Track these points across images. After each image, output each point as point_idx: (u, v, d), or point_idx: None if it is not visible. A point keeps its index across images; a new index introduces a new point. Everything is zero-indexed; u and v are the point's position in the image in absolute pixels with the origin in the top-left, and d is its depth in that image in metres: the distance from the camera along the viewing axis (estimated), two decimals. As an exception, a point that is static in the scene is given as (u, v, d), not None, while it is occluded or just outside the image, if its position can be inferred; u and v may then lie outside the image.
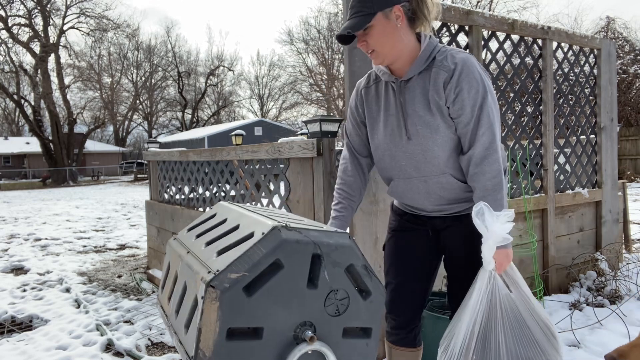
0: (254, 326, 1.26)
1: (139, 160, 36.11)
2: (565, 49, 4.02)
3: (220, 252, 1.35)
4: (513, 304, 1.69)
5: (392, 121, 1.76)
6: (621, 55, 17.85)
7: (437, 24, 3.16)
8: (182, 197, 4.81)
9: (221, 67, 45.30)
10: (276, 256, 1.25)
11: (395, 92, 1.74)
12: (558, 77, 3.97)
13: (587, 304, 3.54)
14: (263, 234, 1.27)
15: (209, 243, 1.49)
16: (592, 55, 4.25)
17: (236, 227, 1.48)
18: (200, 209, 4.38)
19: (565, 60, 4.01)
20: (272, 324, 1.28)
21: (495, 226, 1.57)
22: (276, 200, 3.27)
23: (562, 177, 4.00)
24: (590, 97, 4.26)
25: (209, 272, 1.26)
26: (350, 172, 1.91)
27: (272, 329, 1.28)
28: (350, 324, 1.38)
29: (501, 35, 3.54)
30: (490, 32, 3.44)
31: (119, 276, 5.34)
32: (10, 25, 30.22)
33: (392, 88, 1.76)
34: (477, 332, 1.66)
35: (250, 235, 1.33)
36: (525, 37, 3.66)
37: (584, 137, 4.20)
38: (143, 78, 42.62)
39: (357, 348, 1.41)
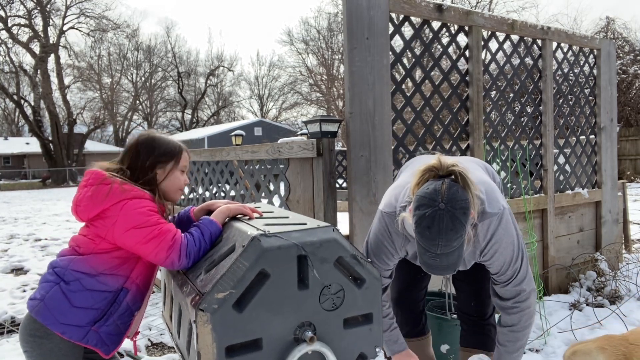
0: (252, 339, 1.25)
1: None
2: (565, 49, 4.02)
3: (208, 269, 1.34)
4: None
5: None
6: (621, 55, 17.84)
7: (437, 24, 3.16)
8: (182, 197, 4.81)
9: (221, 68, 45.23)
10: (260, 267, 1.23)
11: None
12: (558, 78, 3.97)
13: (587, 304, 3.54)
14: (243, 246, 1.25)
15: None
16: (591, 56, 4.25)
17: (220, 240, 1.47)
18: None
19: (565, 61, 4.01)
20: (270, 332, 1.27)
21: None
22: (276, 200, 3.27)
23: (561, 178, 4.00)
24: (590, 98, 4.26)
25: (197, 295, 1.24)
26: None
27: (271, 337, 1.27)
28: (349, 314, 1.38)
29: (501, 36, 3.54)
30: (490, 33, 3.44)
31: (119, 276, 5.32)
32: (10, 25, 30.20)
33: None
34: None
35: (232, 249, 1.32)
36: (525, 38, 3.66)
37: (583, 137, 4.20)
38: (143, 78, 42.59)
39: (361, 335, 1.41)
